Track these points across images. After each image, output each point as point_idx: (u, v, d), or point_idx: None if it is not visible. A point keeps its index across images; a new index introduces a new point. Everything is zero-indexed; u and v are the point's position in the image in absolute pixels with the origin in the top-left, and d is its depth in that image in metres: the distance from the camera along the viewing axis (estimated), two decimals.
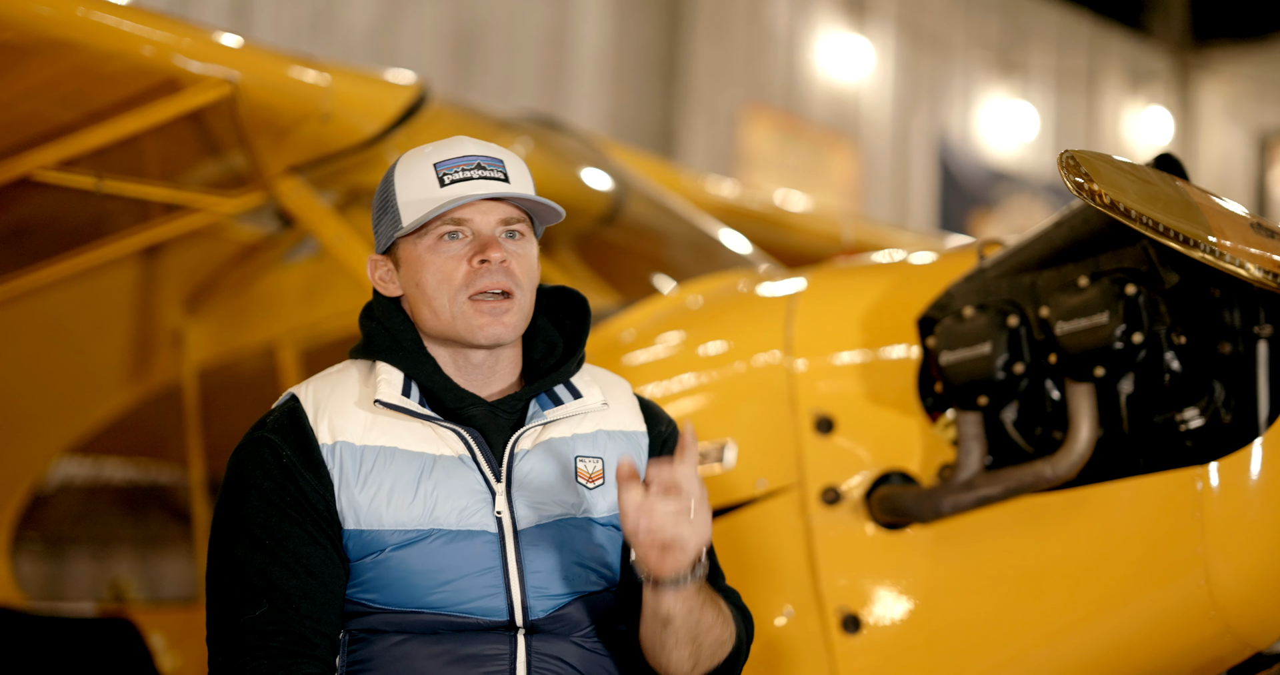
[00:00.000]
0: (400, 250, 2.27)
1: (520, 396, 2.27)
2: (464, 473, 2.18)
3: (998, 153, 16.52)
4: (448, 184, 2.21)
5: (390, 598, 2.15)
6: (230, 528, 2.18)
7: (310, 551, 2.14)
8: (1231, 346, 2.66)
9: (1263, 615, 2.69)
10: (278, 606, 2.11)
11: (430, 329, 2.25)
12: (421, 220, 2.20)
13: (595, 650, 2.22)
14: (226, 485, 2.21)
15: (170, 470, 6.83)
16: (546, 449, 2.24)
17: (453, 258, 2.22)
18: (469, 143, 2.27)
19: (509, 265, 2.22)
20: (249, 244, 5.07)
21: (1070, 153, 2.46)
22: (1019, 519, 2.84)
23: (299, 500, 2.15)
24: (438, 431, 2.20)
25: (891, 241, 6.12)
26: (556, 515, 2.21)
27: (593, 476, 2.26)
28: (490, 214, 2.23)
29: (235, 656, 2.10)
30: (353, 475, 2.16)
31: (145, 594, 7.42)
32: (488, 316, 2.21)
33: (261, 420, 2.25)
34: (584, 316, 2.36)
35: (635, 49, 12.11)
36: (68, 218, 4.41)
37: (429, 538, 2.14)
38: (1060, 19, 17.26)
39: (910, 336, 3.01)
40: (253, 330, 5.28)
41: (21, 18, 3.17)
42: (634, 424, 2.35)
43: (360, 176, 4.30)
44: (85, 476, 7.30)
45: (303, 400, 2.23)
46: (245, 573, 2.13)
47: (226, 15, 9.06)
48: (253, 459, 2.19)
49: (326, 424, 2.19)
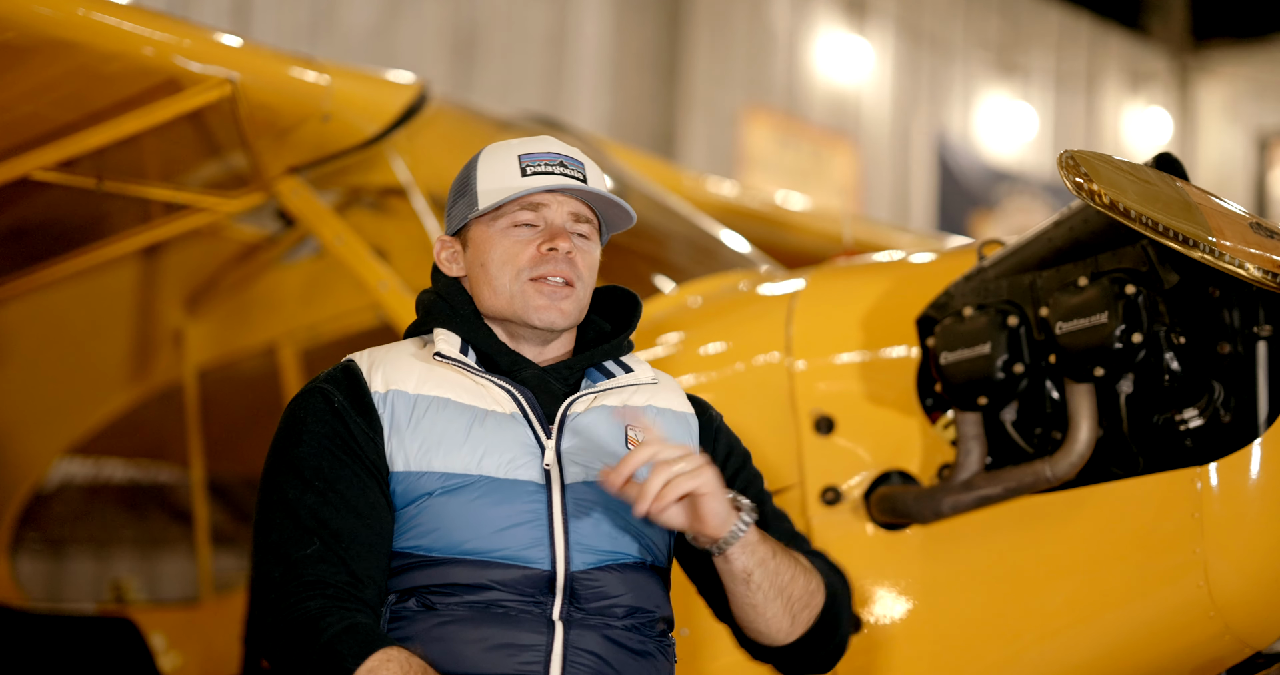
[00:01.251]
0: (471, 231, 2.34)
1: (573, 364, 2.33)
2: (514, 427, 2.23)
3: (998, 153, 16.52)
4: (529, 175, 2.29)
5: (434, 543, 2.17)
6: (281, 470, 2.22)
7: (360, 493, 2.18)
8: (1231, 346, 2.66)
9: (1262, 615, 2.69)
10: (328, 544, 2.14)
11: (488, 307, 2.32)
12: (499, 202, 2.28)
13: (631, 647, 2.22)
14: (279, 432, 2.26)
15: (170, 470, 6.83)
16: (599, 414, 2.29)
17: (522, 242, 2.30)
18: (555, 142, 2.36)
19: (574, 257, 2.29)
20: (249, 244, 5.07)
21: (1070, 153, 2.47)
22: (1019, 519, 2.84)
23: (349, 443, 2.20)
24: (490, 390, 2.25)
25: (891, 241, 6.12)
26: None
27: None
28: (564, 208, 2.32)
29: (287, 594, 2.11)
30: (404, 420, 2.21)
31: (145, 594, 7.41)
32: (546, 299, 2.28)
33: (316, 376, 2.31)
34: (635, 309, 2.43)
35: (635, 49, 12.11)
36: (68, 218, 4.41)
37: (475, 484, 2.18)
38: (1060, 19, 17.26)
39: (910, 336, 3.01)
40: (253, 330, 5.29)
41: (22, 18, 3.18)
42: (683, 406, 2.41)
43: (360, 176, 4.30)
44: (85, 476, 7.30)
45: (358, 360, 2.30)
46: (296, 512, 2.16)
47: (226, 15, 9.06)
48: (305, 406, 2.25)
49: (381, 375, 2.25)
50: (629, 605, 2.23)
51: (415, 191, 4.15)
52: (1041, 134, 16.95)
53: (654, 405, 2.36)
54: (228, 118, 3.70)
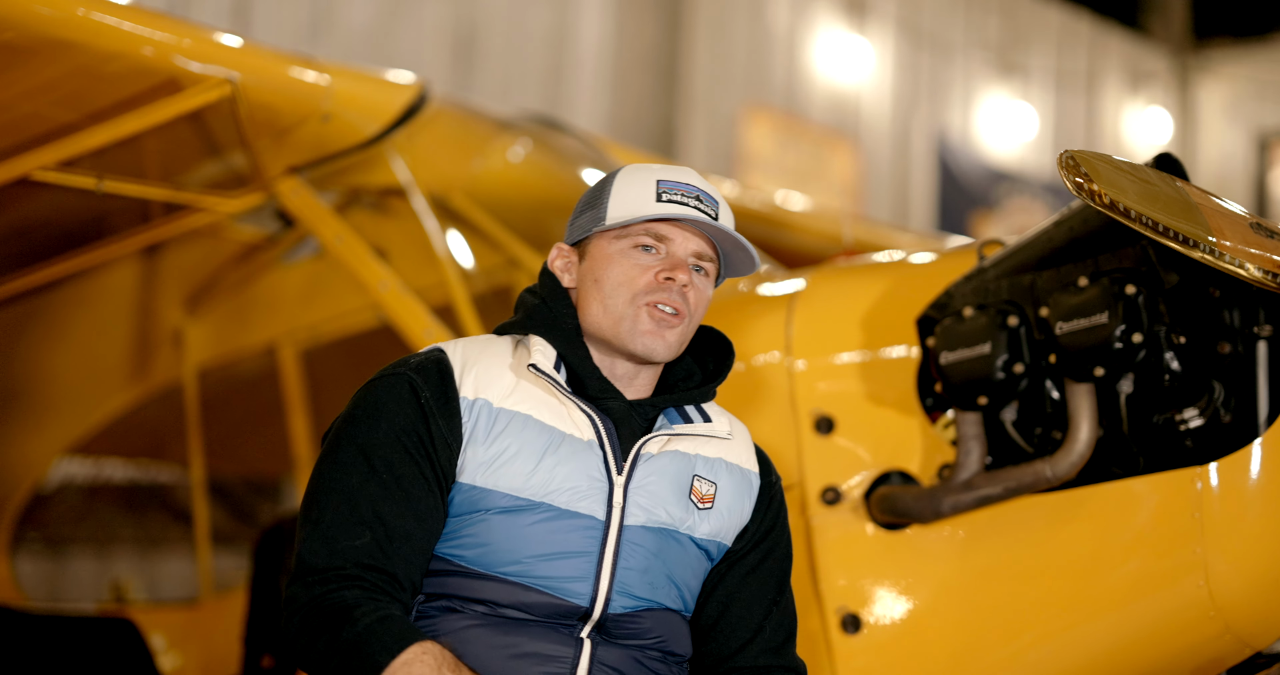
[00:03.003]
0: (591, 244, 2.32)
1: (657, 402, 2.31)
2: (588, 457, 2.21)
3: (998, 153, 16.52)
4: (663, 201, 2.28)
5: (478, 558, 2.16)
6: (349, 452, 2.16)
7: (423, 496, 2.15)
8: (1231, 346, 2.66)
9: (1262, 615, 2.68)
10: (380, 541, 2.11)
11: (592, 324, 2.29)
12: (629, 220, 2.26)
13: (654, 669, 2.23)
14: (356, 410, 2.20)
15: (170, 470, 6.84)
16: (670, 459, 2.28)
17: (641, 266, 2.28)
18: (695, 176, 2.35)
19: (688, 291, 2.28)
20: (249, 244, 5.07)
21: (1070, 153, 2.46)
22: (1019, 519, 2.84)
23: (426, 444, 2.16)
24: (572, 413, 2.23)
25: (891, 241, 6.12)
26: (662, 523, 2.24)
27: (705, 497, 2.29)
28: (689, 242, 2.30)
29: (328, 580, 2.08)
30: (484, 433, 2.18)
31: (145, 594, 7.43)
32: (654, 324, 2.25)
33: (404, 360, 2.26)
34: (728, 357, 2.41)
35: (635, 49, 12.11)
36: (68, 218, 4.41)
37: (536, 509, 2.16)
38: (1060, 19, 17.26)
39: (910, 336, 3.01)
40: (253, 330, 5.28)
41: (22, 18, 3.17)
42: (751, 464, 2.40)
43: (360, 176, 4.30)
44: (86, 476, 7.31)
45: (450, 354, 2.25)
46: (356, 500, 2.13)
47: (226, 15, 9.06)
48: (391, 391, 2.20)
49: (472, 379, 2.22)
50: (656, 641, 2.25)
51: (415, 191, 4.15)
52: (1041, 134, 16.95)
53: (724, 459, 2.35)
54: (228, 118, 3.70)
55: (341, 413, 2.23)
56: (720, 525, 2.31)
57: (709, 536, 2.30)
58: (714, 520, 2.30)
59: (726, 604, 2.33)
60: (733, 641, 2.32)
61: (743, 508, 2.35)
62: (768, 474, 2.42)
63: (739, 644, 2.32)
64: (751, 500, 2.37)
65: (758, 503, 2.38)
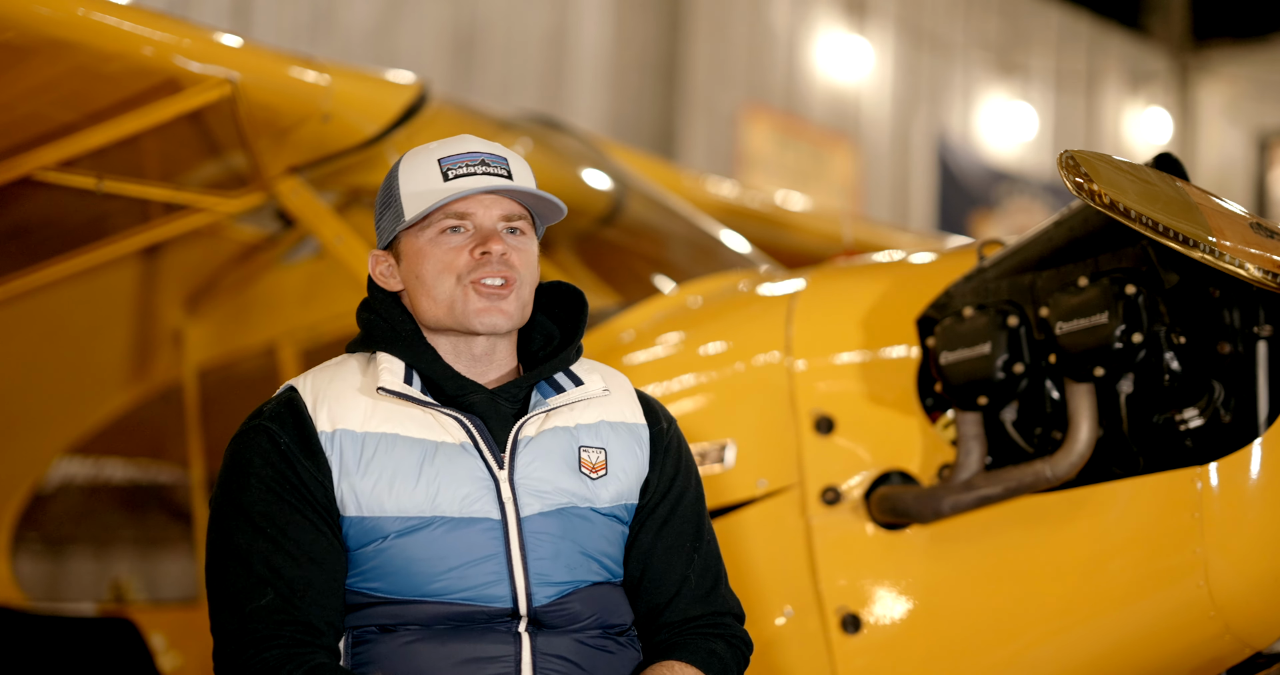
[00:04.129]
0: (402, 244, 2.29)
1: (521, 383, 2.28)
2: (466, 460, 2.19)
3: (998, 153, 16.52)
4: (451, 178, 2.24)
5: (392, 586, 2.15)
6: (231, 516, 2.16)
7: (313, 539, 2.14)
8: (1231, 346, 2.66)
9: (1262, 615, 2.69)
10: (283, 595, 2.10)
11: (429, 319, 2.26)
12: (425, 211, 2.23)
13: (598, 646, 2.22)
14: (225, 474, 2.21)
15: (170, 470, 6.83)
16: (550, 437, 2.25)
17: (454, 248, 2.24)
18: (473, 140, 2.30)
19: (509, 257, 2.24)
20: (249, 244, 5.07)
21: (1070, 153, 2.46)
22: (1019, 519, 2.84)
23: (299, 488, 2.15)
24: (439, 419, 2.21)
25: (891, 241, 6.12)
26: (560, 504, 2.22)
27: (596, 467, 2.27)
28: (492, 209, 2.26)
29: (245, 647, 2.08)
30: (353, 462, 2.16)
31: (145, 594, 7.42)
32: (486, 301, 2.22)
33: (258, 410, 2.25)
34: (581, 309, 2.37)
35: (635, 49, 12.10)
36: (68, 218, 4.41)
37: (431, 525, 2.15)
38: (1060, 19, 17.25)
39: (910, 336, 3.01)
40: (253, 330, 5.28)
41: (22, 18, 3.17)
42: (635, 416, 2.36)
43: (360, 176, 4.29)
44: (85, 476, 7.30)
45: (301, 390, 2.24)
46: (248, 561, 2.12)
47: (226, 15, 9.05)
48: (251, 447, 2.19)
49: (326, 412, 2.19)
50: (592, 619, 2.23)
51: None
52: (1041, 134, 16.94)
53: (606, 420, 2.31)
54: (227, 118, 3.70)
55: (217, 477, 2.23)
56: (620, 488, 2.28)
57: (613, 502, 2.27)
58: (612, 486, 2.27)
59: (646, 561, 2.30)
60: (659, 596, 2.30)
61: (638, 464, 2.31)
62: (656, 422, 2.37)
63: (666, 598, 2.30)
64: (645, 452, 2.33)
65: (652, 453, 2.34)
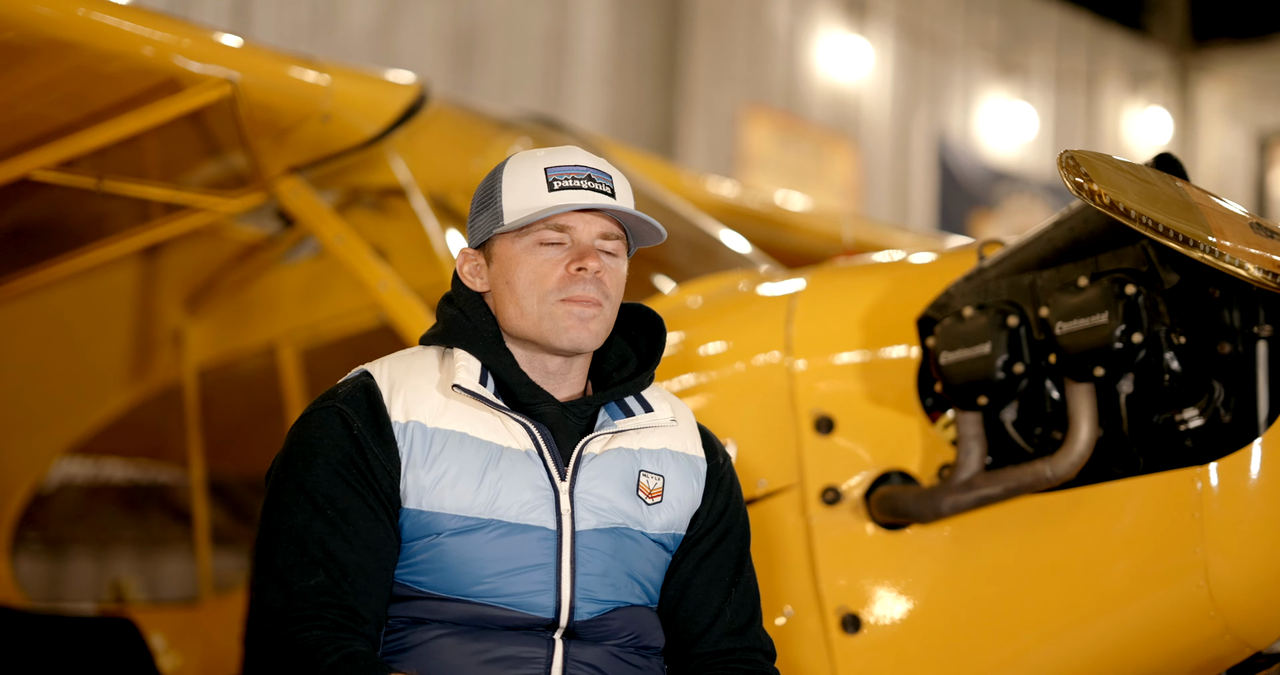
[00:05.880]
0: (495, 246, 2.28)
1: (593, 401, 2.28)
2: (529, 467, 2.19)
3: (998, 153, 16.52)
4: (556, 190, 2.23)
5: (437, 582, 2.15)
6: (291, 493, 2.15)
7: (371, 527, 2.13)
8: (1231, 346, 2.66)
9: (1262, 615, 2.68)
10: (334, 577, 2.10)
11: (513, 327, 2.26)
12: (526, 220, 2.22)
13: (630, 661, 2.23)
14: (290, 451, 2.19)
15: (170, 470, 6.83)
16: (614, 457, 2.26)
17: (549, 261, 2.24)
18: (580, 153, 2.29)
19: (602, 276, 2.24)
20: (249, 244, 5.07)
21: (1070, 153, 2.46)
22: (1019, 519, 2.84)
23: (365, 473, 2.14)
24: (507, 424, 2.21)
25: (891, 241, 6.12)
26: (614, 523, 2.23)
27: (653, 492, 2.28)
28: (593, 225, 2.26)
29: (286, 623, 2.07)
30: (421, 456, 2.16)
31: (145, 594, 7.42)
32: (575, 319, 2.22)
33: (332, 390, 2.24)
34: (659, 336, 2.38)
35: (635, 49, 12.11)
36: (68, 218, 4.41)
37: (487, 527, 2.15)
38: (1060, 19, 17.26)
39: (910, 336, 3.01)
40: (253, 330, 5.28)
41: (22, 18, 3.17)
42: (695, 449, 2.37)
43: (360, 176, 4.30)
44: (85, 476, 7.31)
45: (377, 377, 2.23)
46: (304, 540, 2.11)
47: (226, 15, 9.06)
48: (322, 427, 2.18)
49: (401, 402, 2.19)
50: (630, 638, 2.24)
51: (415, 191, 4.15)
52: (1041, 134, 16.95)
53: (669, 449, 2.33)
54: (228, 118, 3.70)
55: (279, 452, 2.22)
56: (672, 517, 2.30)
57: (662, 530, 2.29)
58: (665, 513, 2.29)
59: (683, 590, 2.32)
60: (693, 627, 2.31)
61: (693, 495, 2.33)
62: (714, 456, 2.39)
63: (700, 629, 2.31)
64: (700, 485, 2.35)
65: (706, 487, 2.35)
